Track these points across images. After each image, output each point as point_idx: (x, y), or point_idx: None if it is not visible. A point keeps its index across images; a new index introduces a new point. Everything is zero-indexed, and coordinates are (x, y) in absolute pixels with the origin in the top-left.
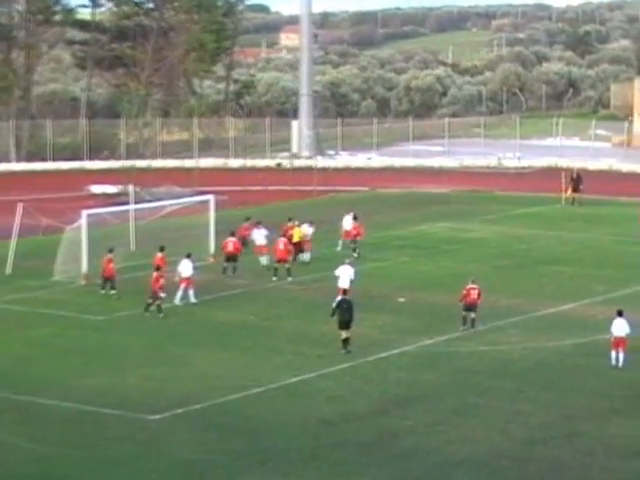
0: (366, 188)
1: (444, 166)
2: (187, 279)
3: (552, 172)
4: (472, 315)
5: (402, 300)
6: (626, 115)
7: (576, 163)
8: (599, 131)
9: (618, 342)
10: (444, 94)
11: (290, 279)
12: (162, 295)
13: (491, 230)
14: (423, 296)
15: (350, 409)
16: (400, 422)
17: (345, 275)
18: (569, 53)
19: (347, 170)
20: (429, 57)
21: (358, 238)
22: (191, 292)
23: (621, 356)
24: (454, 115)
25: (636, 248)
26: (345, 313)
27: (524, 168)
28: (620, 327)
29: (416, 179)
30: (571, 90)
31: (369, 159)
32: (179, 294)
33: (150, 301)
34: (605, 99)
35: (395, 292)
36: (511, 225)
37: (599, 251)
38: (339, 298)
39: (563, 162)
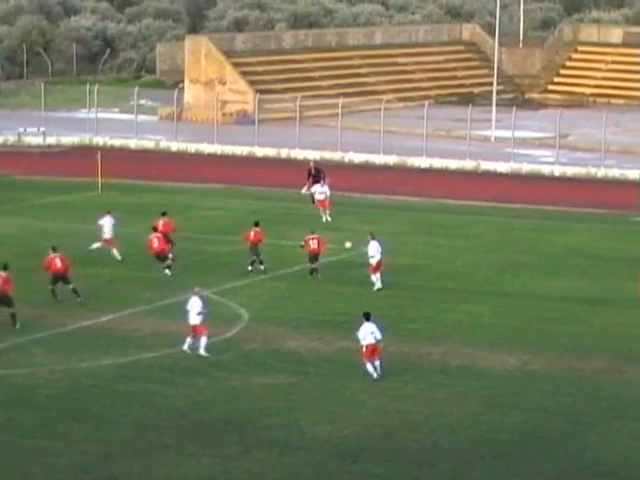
0: None
1: None
2: None
3: (86, 151)
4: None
5: None
6: (176, 82)
7: (116, 141)
8: (143, 101)
9: (372, 350)
10: None
11: None
12: None
13: (11, 224)
14: None
15: None
16: None
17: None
18: (105, 5)
19: None
20: None
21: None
22: None
23: (378, 364)
24: None
25: (190, 245)
26: None
27: (50, 146)
28: (370, 333)
29: None
30: (108, 50)
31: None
32: None
33: None
34: (150, 62)
35: None
36: (35, 217)
37: (143, 249)
38: None
39: (99, 139)
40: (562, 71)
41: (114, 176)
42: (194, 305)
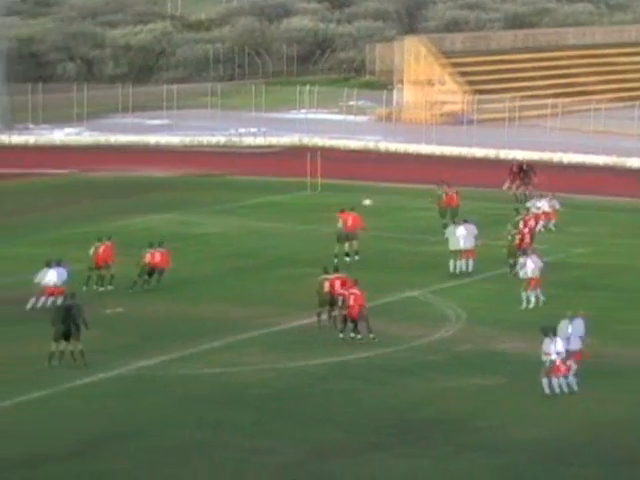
0: (69, 170)
1: (167, 143)
2: None
3: (299, 151)
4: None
5: (112, 311)
6: (391, 82)
7: (330, 141)
8: (358, 102)
9: (558, 367)
10: (167, 54)
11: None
12: None
13: (225, 223)
14: (142, 306)
15: (40, 450)
16: (104, 465)
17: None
18: (319, 6)
19: (45, 148)
20: (148, 7)
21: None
22: None
23: (565, 379)
24: (180, 80)
25: (403, 245)
26: (67, 321)
27: (266, 146)
28: (553, 348)
29: (132, 159)
30: (323, 51)
31: (72, 134)
32: None
33: None
34: (365, 63)
35: (103, 300)
36: (250, 217)
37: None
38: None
39: (314, 139)
40: None
41: (328, 176)
42: (577, 328)
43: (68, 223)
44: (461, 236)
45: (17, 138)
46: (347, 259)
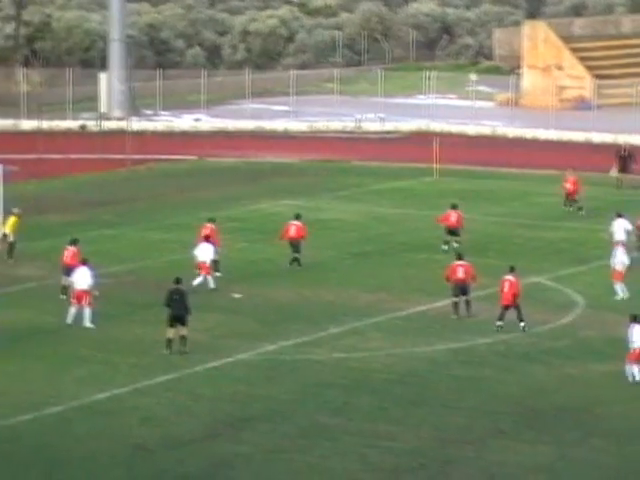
0: (193, 157)
1: (290, 129)
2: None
3: (423, 137)
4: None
5: (237, 296)
6: (513, 68)
7: (452, 127)
8: (480, 87)
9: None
10: (290, 40)
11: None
12: None
13: (348, 209)
14: (264, 291)
15: (172, 432)
16: (234, 448)
17: None
18: None
19: (169, 134)
20: None
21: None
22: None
23: (637, 369)
24: (302, 66)
25: (524, 231)
26: (176, 305)
27: (389, 132)
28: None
29: (255, 145)
30: (446, 36)
31: (196, 120)
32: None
33: None
34: (487, 48)
35: (228, 286)
36: (372, 203)
37: (479, 236)
38: (171, 287)
39: (436, 125)
40: None
41: (450, 162)
42: None
43: (192, 208)
44: (617, 228)
45: (140, 124)
46: (445, 247)
